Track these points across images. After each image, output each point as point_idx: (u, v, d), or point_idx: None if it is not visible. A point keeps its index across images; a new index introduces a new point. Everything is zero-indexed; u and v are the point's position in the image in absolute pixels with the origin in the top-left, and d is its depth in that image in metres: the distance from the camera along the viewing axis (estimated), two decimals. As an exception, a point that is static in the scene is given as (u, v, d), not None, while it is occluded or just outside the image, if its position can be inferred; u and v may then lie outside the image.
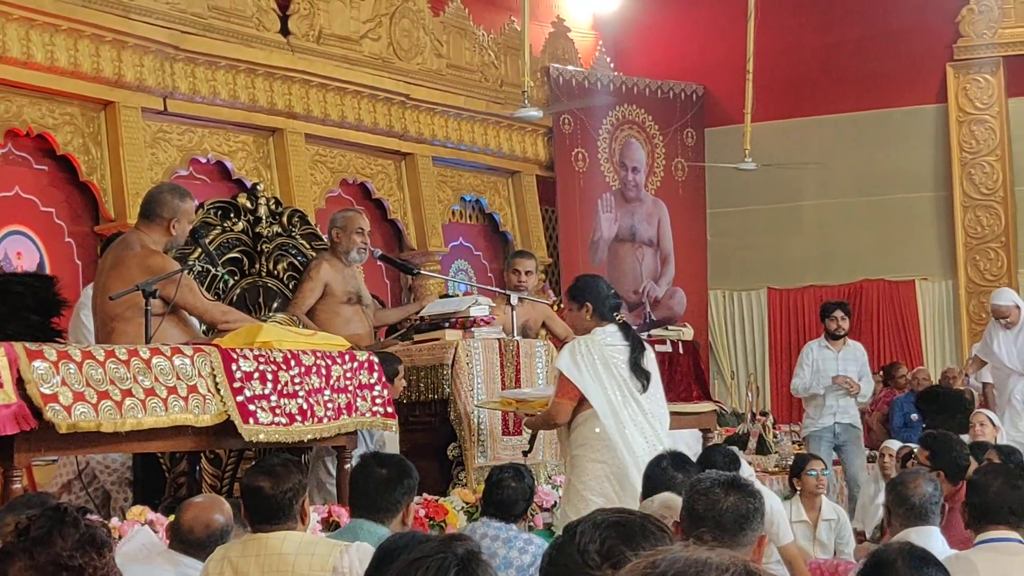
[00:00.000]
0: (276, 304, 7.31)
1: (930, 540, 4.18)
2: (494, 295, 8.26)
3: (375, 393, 6.07)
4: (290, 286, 7.42)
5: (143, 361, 5.07)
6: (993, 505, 4.11)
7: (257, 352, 5.55)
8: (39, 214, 9.04)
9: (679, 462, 5.10)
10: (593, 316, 5.99)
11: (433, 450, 6.92)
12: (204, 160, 10.07)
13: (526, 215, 12.96)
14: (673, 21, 14.51)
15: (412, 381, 6.96)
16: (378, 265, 8.81)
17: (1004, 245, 13.39)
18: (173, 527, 4.44)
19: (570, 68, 13.55)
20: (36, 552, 2.42)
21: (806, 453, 8.57)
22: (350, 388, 5.94)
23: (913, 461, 6.94)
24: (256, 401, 5.44)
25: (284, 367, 5.62)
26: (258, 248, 7.33)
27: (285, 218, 7.50)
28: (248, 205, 7.31)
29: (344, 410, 5.88)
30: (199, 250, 6.71)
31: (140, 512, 5.21)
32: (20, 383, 4.64)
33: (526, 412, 6.53)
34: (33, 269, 8.62)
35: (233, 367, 5.40)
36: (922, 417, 10.68)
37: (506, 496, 5.15)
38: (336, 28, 10.98)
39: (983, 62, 13.46)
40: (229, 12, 10.06)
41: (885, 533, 5.81)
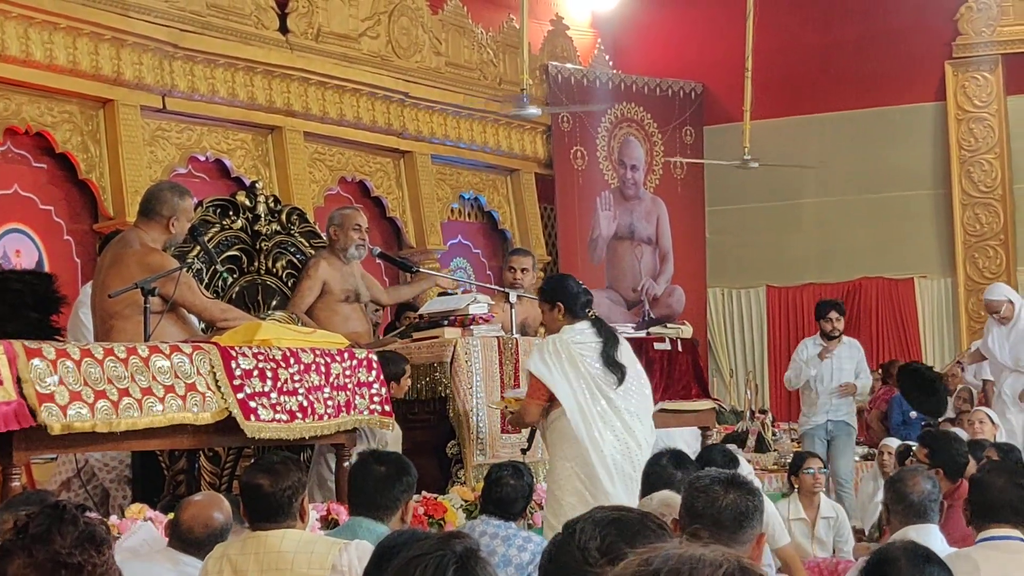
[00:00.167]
0: (275, 302, 7.31)
1: (929, 538, 4.18)
2: (493, 293, 8.26)
3: (373, 391, 6.07)
4: (289, 284, 7.42)
5: (141, 359, 5.06)
6: (996, 503, 4.10)
7: (256, 350, 5.55)
8: (38, 212, 9.04)
9: (678, 460, 5.10)
10: (565, 315, 5.99)
11: (432, 448, 6.92)
12: (203, 158, 10.07)
13: (525, 213, 12.95)
14: (672, 19, 14.51)
15: (411, 379, 6.96)
16: (377, 263, 8.79)
17: (1003, 243, 13.40)
18: (172, 525, 4.44)
19: (569, 66, 13.54)
20: (35, 550, 2.41)
21: (804, 451, 8.57)
22: (349, 386, 5.94)
23: (912, 459, 6.94)
24: (256, 398, 5.44)
25: (283, 365, 5.62)
26: (257, 246, 7.33)
27: (284, 216, 7.51)
28: (247, 203, 7.31)
29: (344, 408, 5.88)
30: (198, 248, 6.72)
31: (139, 510, 5.21)
32: (19, 381, 4.63)
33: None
34: (32, 267, 8.62)
35: (232, 365, 5.40)
36: (901, 392, 10.78)
37: (505, 494, 5.15)
38: (335, 26, 10.97)
39: (982, 60, 13.45)
40: (228, 10, 10.05)
41: (884, 532, 5.81)
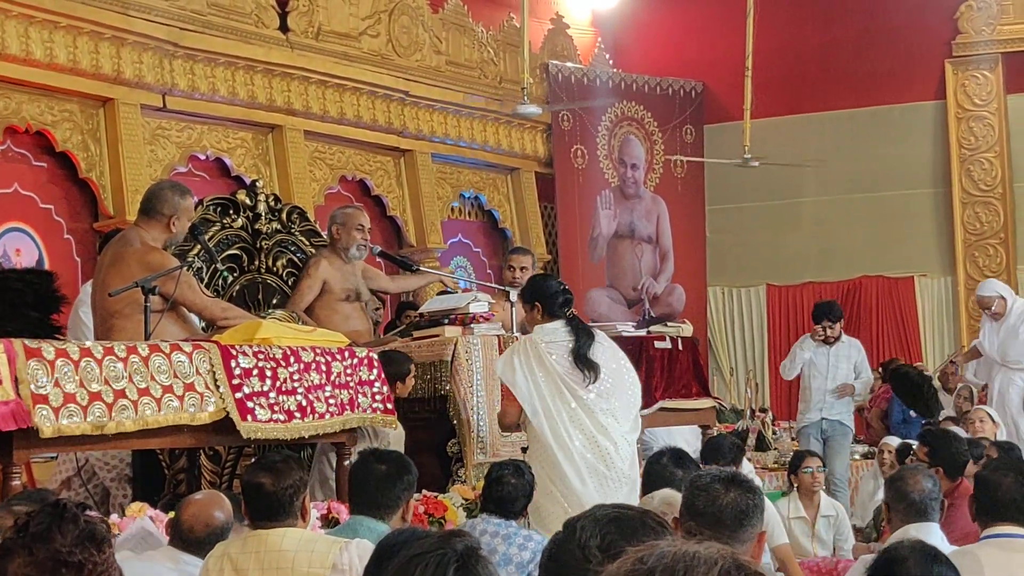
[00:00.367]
0: (275, 300, 7.31)
1: (930, 536, 4.18)
2: (493, 292, 8.26)
3: (375, 390, 6.07)
4: (289, 282, 7.42)
5: (141, 359, 5.05)
6: (1003, 501, 4.08)
7: (256, 349, 5.55)
8: (38, 211, 9.04)
9: (678, 458, 5.10)
10: (543, 315, 5.96)
11: (432, 446, 6.91)
12: (203, 157, 10.07)
13: (525, 212, 12.95)
14: (672, 18, 14.50)
15: (413, 377, 6.96)
16: (377, 262, 8.78)
17: (1003, 241, 13.39)
18: (173, 524, 4.44)
19: (569, 65, 13.54)
20: (35, 548, 2.41)
21: (803, 450, 8.57)
22: (351, 384, 5.93)
23: (912, 457, 6.94)
24: (255, 398, 5.43)
25: (283, 363, 5.62)
26: (257, 245, 7.33)
27: (284, 215, 7.50)
28: (247, 202, 7.31)
29: (347, 406, 5.88)
30: (199, 247, 6.72)
31: (139, 508, 5.20)
32: (16, 381, 4.62)
33: None
34: (32, 266, 8.61)
35: (232, 364, 5.40)
36: (895, 393, 10.82)
37: (506, 493, 5.15)
38: (335, 25, 10.97)
39: (982, 58, 13.45)
40: (228, 9, 10.05)
41: (884, 531, 5.81)
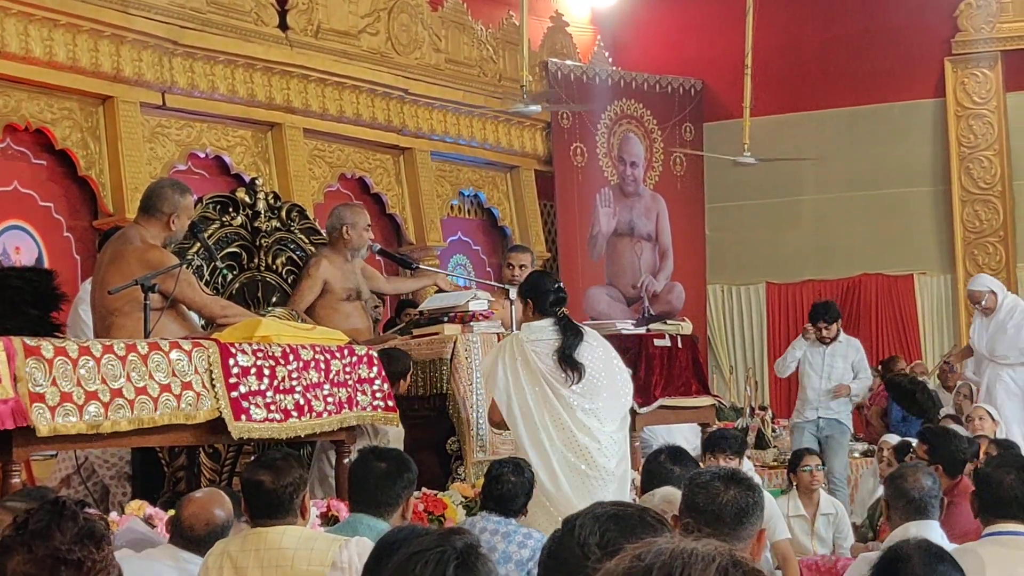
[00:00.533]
0: (275, 298, 7.31)
1: (930, 534, 4.17)
2: (493, 289, 8.25)
3: (375, 387, 6.07)
4: (289, 280, 7.41)
5: (140, 357, 5.05)
6: (1005, 499, 4.08)
7: (256, 346, 5.55)
8: (38, 209, 9.03)
9: (676, 456, 5.10)
10: (534, 312, 5.97)
11: (432, 444, 6.91)
12: (203, 155, 10.07)
13: (525, 210, 12.95)
14: (671, 16, 14.50)
15: (411, 375, 6.96)
16: (377, 260, 8.80)
17: (1002, 239, 13.39)
18: (173, 522, 4.43)
19: (568, 63, 13.54)
20: (35, 546, 2.41)
21: (802, 449, 8.57)
22: (350, 382, 5.93)
23: (912, 455, 6.95)
24: (251, 397, 5.43)
25: (282, 362, 5.62)
26: (257, 243, 7.33)
27: (284, 213, 7.50)
28: (247, 200, 7.31)
29: (345, 404, 5.88)
30: (198, 245, 6.72)
31: (139, 506, 5.20)
32: (15, 379, 4.62)
33: None
34: (32, 264, 8.61)
35: (231, 362, 5.39)
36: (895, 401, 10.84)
37: (505, 491, 5.14)
38: (334, 23, 10.97)
39: (981, 56, 13.45)
40: (227, 7, 10.05)
41: (883, 530, 5.81)
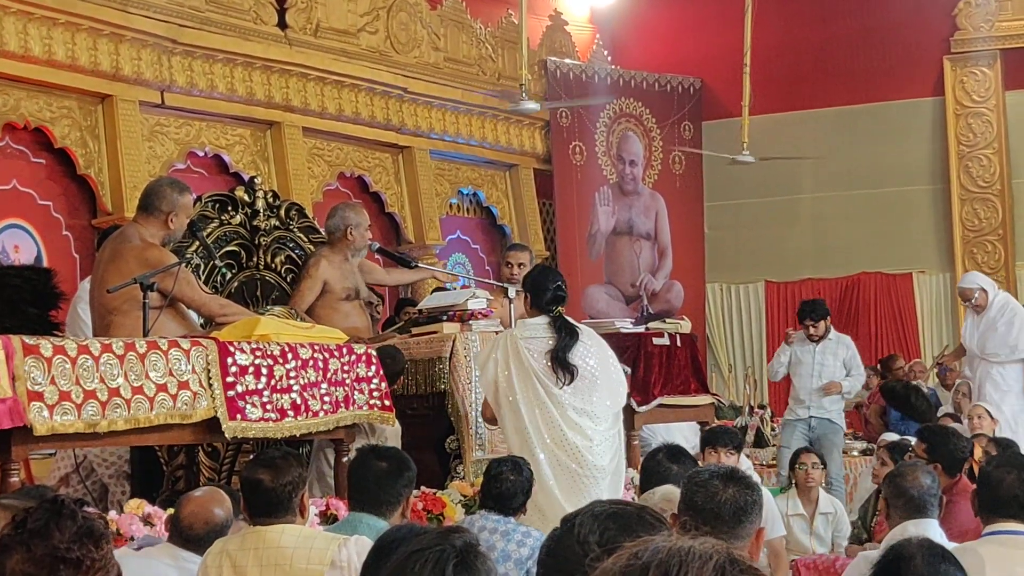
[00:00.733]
0: (274, 297, 7.31)
1: (929, 533, 4.17)
2: (491, 288, 8.25)
3: (373, 386, 6.07)
4: (288, 279, 7.41)
5: (138, 356, 5.06)
6: (1005, 498, 4.08)
7: (255, 345, 5.55)
8: (37, 207, 9.03)
9: (675, 454, 5.10)
10: (531, 308, 5.95)
11: (431, 443, 6.91)
12: (201, 153, 10.07)
13: (524, 208, 12.95)
14: (670, 14, 14.50)
15: (410, 374, 6.96)
16: (376, 258, 8.79)
17: (1001, 238, 13.40)
18: (172, 521, 4.43)
19: (567, 61, 13.54)
20: (33, 544, 2.41)
21: (799, 448, 8.55)
22: (347, 381, 5.93)
23: (910, 454, 6.94)
24: (247, 397, 5.42)
25: (281, 360, 5.61)
26: (256, 241, 7.33)
27: (283, 211, 7.50)
28: (246, 198, 7.31)
29: (342, 403, 5.88)
30: (197, 243, 6.72)
31: (138, 505, 5.20)
32: (13, 378, 4.62)
33: None
34: (31, 262, 8.61)
35: (229, 361, 5.39)
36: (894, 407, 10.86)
37: (504, 489, 5.14)
38: (333, 21, 10.97)
39: (980, 55, 13.45)
40: (226, 6, 10.05)
41: (882, 528, 5.81)
